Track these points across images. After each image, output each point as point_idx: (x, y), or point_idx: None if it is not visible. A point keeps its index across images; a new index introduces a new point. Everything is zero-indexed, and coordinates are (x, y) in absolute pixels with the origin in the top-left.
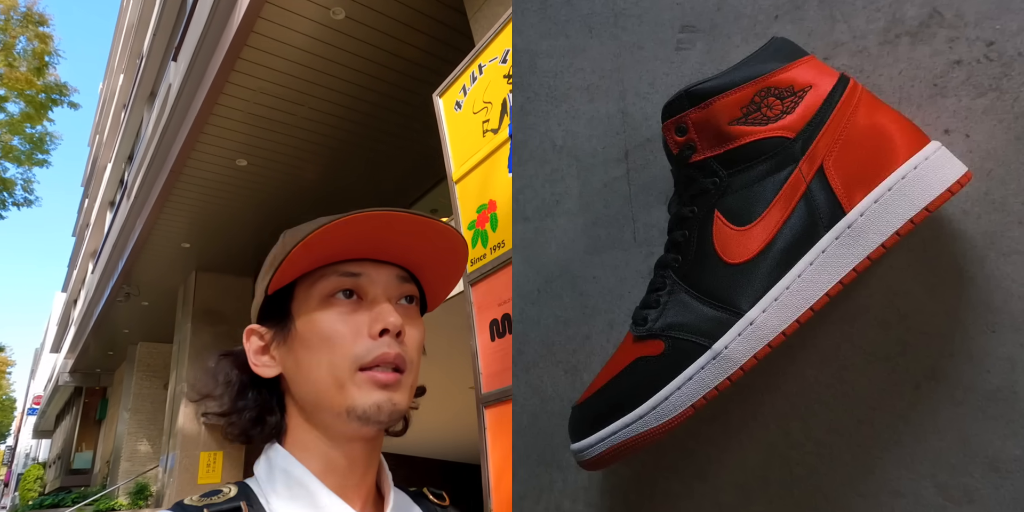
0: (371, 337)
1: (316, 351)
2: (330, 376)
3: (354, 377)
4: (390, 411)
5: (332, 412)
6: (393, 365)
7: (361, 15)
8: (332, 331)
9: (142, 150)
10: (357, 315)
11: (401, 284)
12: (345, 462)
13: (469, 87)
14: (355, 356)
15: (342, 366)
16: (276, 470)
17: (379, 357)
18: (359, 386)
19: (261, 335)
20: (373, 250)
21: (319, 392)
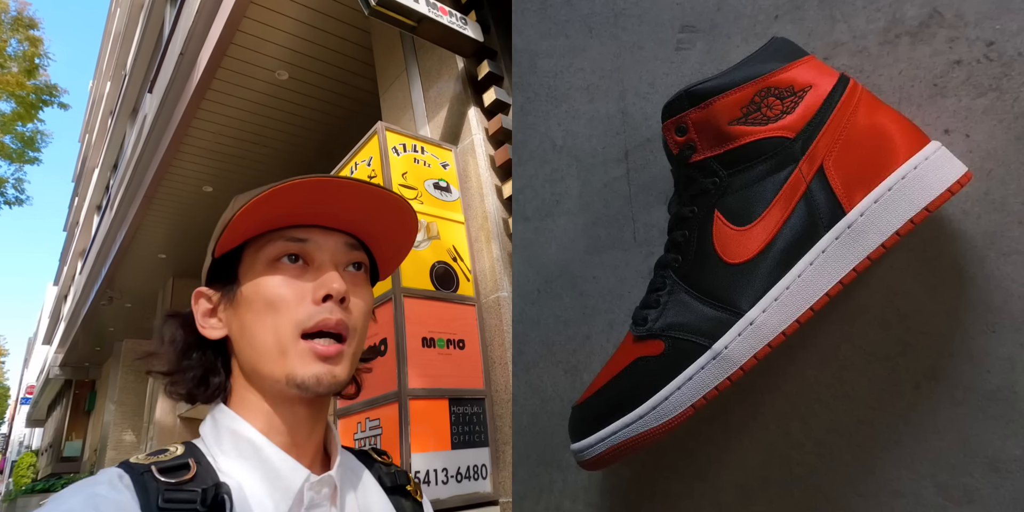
0: (314, 302)
1: (260, 315)
2: (273, 340)
3: (296, 344)
4: (329, 383)
5: (272, 377)
6: (336, 331)
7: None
8: (276, 295)
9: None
10: (302, 280)
11: (349, 251)
12: (289, 423)
13: None
14: (297, 321)
15: (285, 331)
16: (222, 429)
17: (321, 322)
18: (300, 355)
19: (209, 297)
20: (321, 216)
21: (261, 355)
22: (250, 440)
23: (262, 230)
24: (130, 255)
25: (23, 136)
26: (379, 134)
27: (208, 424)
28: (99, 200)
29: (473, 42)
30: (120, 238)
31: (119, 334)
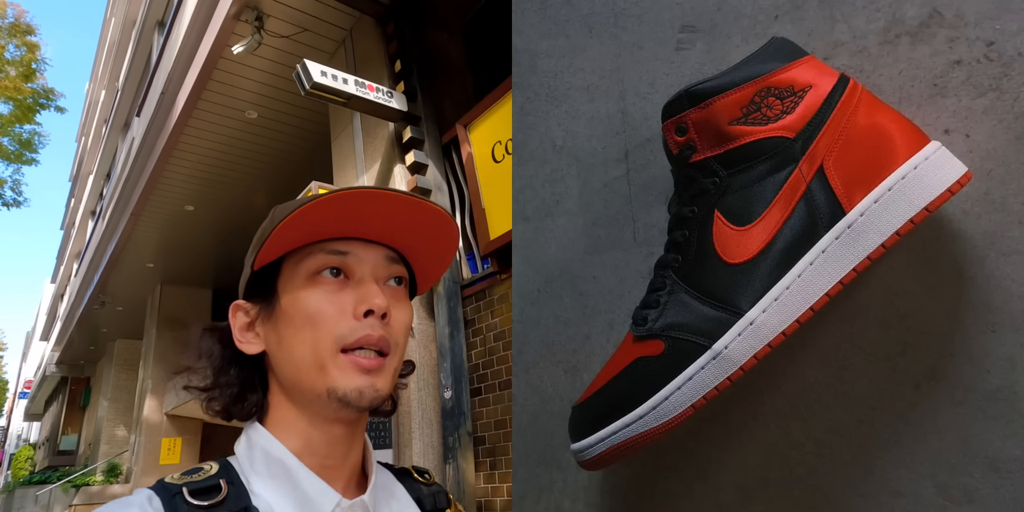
0: (356, 318)
1: (300, 329)
2: (312, 355)
3: (336, 359)
4: (372, 397)
5: (313, 392)
6: (377, 348)
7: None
8: (316, 310)
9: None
10: (343, 294)
11: (390, 265)
12: (326, 442)
13: None
14: (338, 336)
15: (325, 346)
16: (256, 449)
17: (362, 338)
18: (341, 369)
19: (247, 311)
20: (362, 229)
21: (301, 371)
22: (282, 461)
23: (301, 243)
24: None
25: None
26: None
27: (243, 443)
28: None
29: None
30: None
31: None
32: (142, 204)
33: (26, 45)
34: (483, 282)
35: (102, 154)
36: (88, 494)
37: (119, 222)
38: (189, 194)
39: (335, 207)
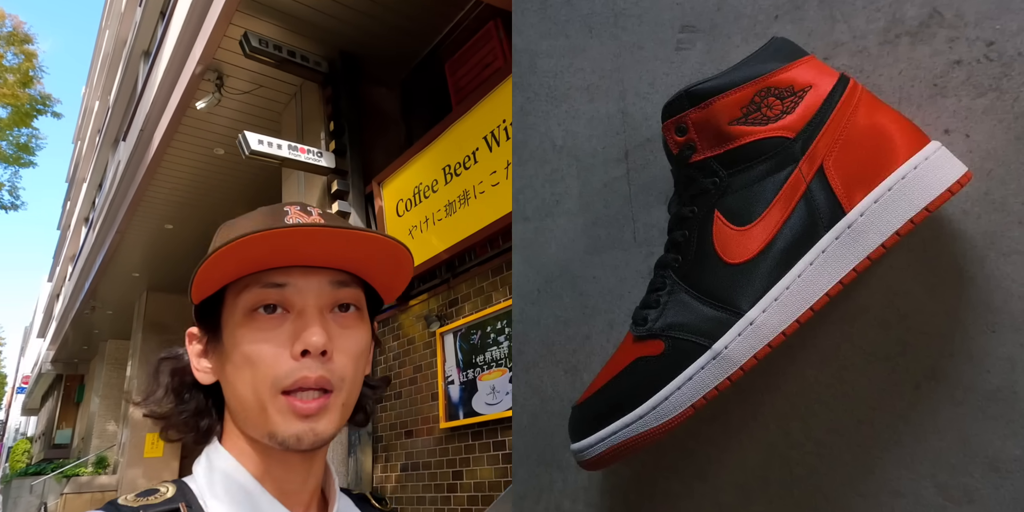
0: (293, 358)
1: (239, 369)
2: (252, 397)
3: (275, 401)
4: (311, 441)
5: (257, 432)
6: (318, 388)
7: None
8: (252, 351)
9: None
10: (281, 331)
11: (336, 290)
12: (281, 469)
13: None
14: (275, 378)
15: (263, 388)
16: (216, 472)
17: (299, 380)
18: (280, 413)
19: (199, 339)
20: (301, 258)
21: (245, 410)
22: (243, 486)
23: (236, 276)
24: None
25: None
26: None
27: (202, 464)
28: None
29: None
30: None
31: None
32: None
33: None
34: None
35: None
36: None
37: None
38: (168, 215)
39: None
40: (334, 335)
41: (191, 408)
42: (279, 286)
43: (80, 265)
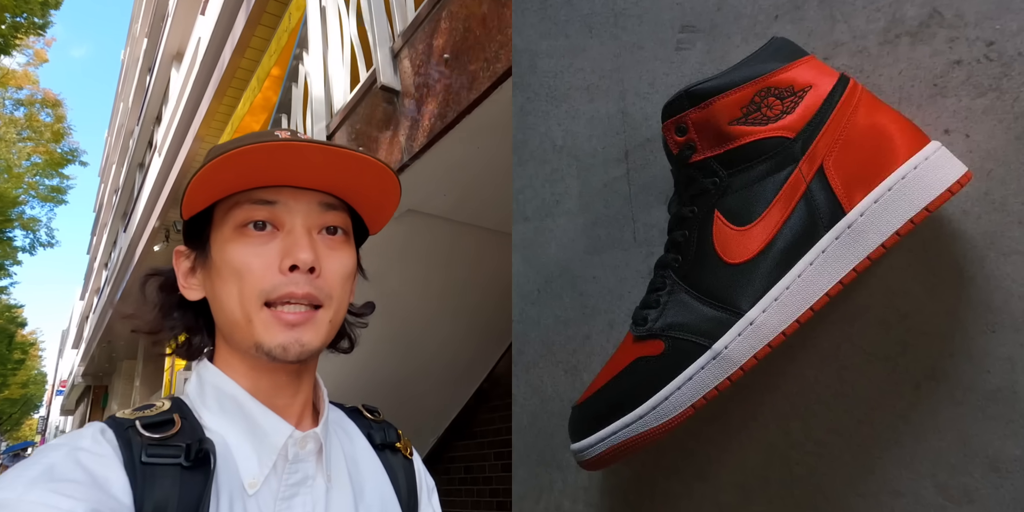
0: (281, 272)
1: (227, 282)
2: (239, 309)
3: (260, 313)
4: (298, 352)
5: (243, 345)
6: (305, 302)
7: None
8: (241, 264)
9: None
10: (269, 247)
11: (324, 212)
12: (271, 385)
13: None
14: (261, 291)
15: (249, 301)
16: (207, 386)
17: (286, 294)
18: (265, 323)
19: (187, 256)
20: (292, 177)
21: (231, 323)
22: (233, 397)
23: (227, 193)
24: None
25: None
26: None
27: (193, 381)
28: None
29: None
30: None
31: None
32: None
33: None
34: None
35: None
36: None
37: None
38: None
39: (257, 158)
40: (322, 255)
41: (181, 324)
42: (269, 203)
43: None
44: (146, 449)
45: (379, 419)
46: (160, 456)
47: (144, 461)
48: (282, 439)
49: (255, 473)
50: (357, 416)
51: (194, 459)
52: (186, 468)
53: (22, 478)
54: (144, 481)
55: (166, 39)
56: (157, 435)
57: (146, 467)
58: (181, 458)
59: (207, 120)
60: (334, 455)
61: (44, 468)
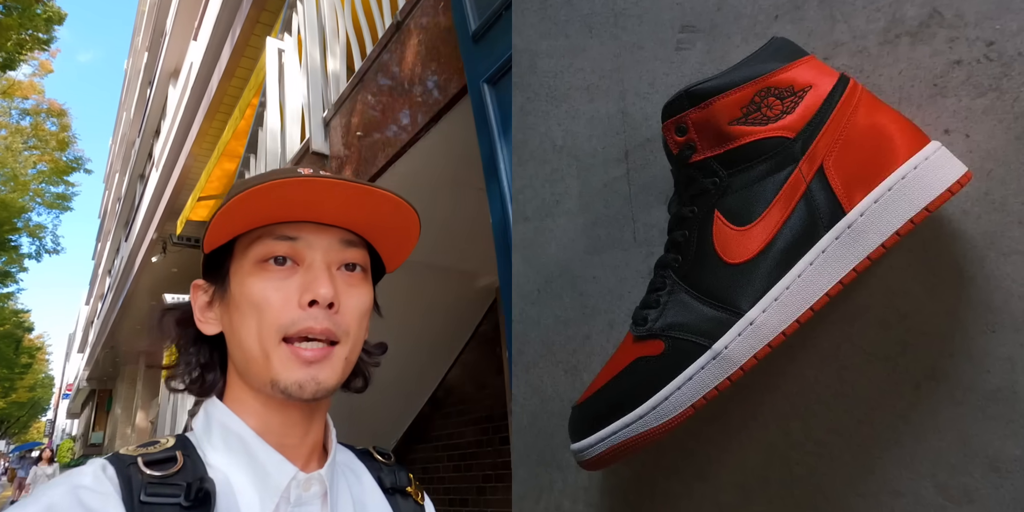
0: (300, 307)
1: (246, 316)
2: (257, 344)
3: (278, 349)
4: (314, 390)
5: (259, 380)
6: (323, 338)
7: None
8: (261, 298)
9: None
10: (290, 281)
11: (344, 249)
12: (281, 424)
13: None
14: (280, 326)
15: (267, 336)
16: (214, 423)
17: (304, 330)
18: (282, 360)
19: (205, 290)
20: (313, 214)
21: (248, 359)
22: (239, 435)
23: (249, 227)
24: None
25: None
26: None
27: (200, 418)
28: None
29: None
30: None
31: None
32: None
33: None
34: None
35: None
36: None
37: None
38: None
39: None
40: (341, 291)
41: (197, 360)
42: (291, 239)
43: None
44: (146, 488)
45: (390, 462)
46: (160, 495)
47: (143, 500)
48: (285, 480)
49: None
50: (367, 458)
51: (194, 499)
52: (185, 508)
53: None
54: None
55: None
56: (159, 473)
57: (145, 506)
58: (181, 498)
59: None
60: (341, 498)
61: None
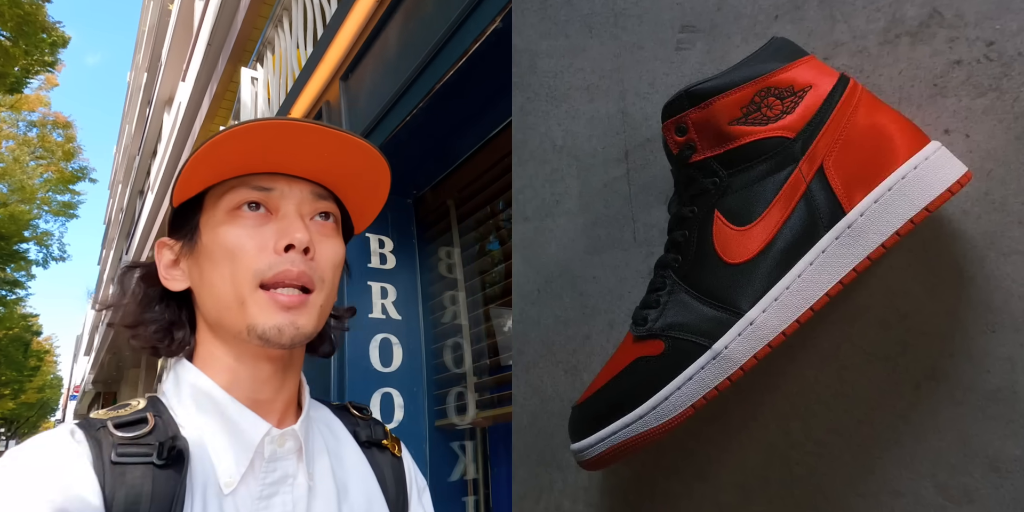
0: (276, 252)
1: (219, 264)
2: (232, 291)
3: (255, 294)
4: (292, 334)
5: (234, 329)
6: (298, 283)
7: None
8: (236, 244)
9: None
10: (264, 229)
11: (316, 200)
12: (253, 378)
13: None
14: (256, 270)
15: (243, 281)
16: (183, 384)
17: (281, 273)
18: (260, 305)
19: (171, 248)
20: (286, 164)
21: (221, 308)
22: (209, 394)
23: (222, 177)
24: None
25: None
26: None
27: (170, 379)
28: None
29: None
30: None
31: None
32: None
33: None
34: None
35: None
36: None
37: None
38: None
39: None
40: (315, 240)
41: (164, 318)
42: (266, 190)
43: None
44: (116, 448)
45: (367, 416)
46: (131, 455)
47: (114, 460)
48: (258, 436)
49: (231, 472)
50: (344, 413)
51: (167, 457)
52: (159, 466)
53: None
54: (114, 480)
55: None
56: (129, 434)
57: (116, 466)
58: (153, 456)
59: None
60: (317, 453)
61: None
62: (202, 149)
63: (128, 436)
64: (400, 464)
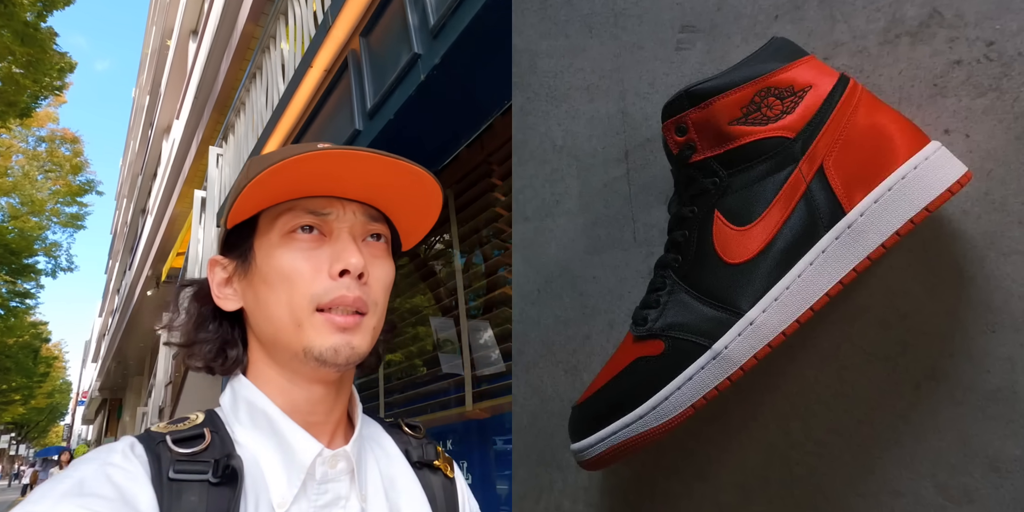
0: (331, 277)
1: (275, 288)
2: (288, 315)
3: (312, 318)
4: (347, 355)
5: (290, 351)
6: (352, 308)
7: None
8: (291, 269)
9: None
10: (319, 252)
11: (368, 222)
12: (307, 401)
13: None
14: (313, 295)
15: (300, 305)
16: (240, 400)
17: (337, 298)
18: (316, 328)
19: (224, 266)
20: (339, 188)
21: (277, 330)
22: (265, 412)
23: (277, 201)
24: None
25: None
26: None
27: (227, 394)
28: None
29: None
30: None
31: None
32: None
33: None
34: None
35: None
36: None
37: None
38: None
39: (310, 166)
40: (368, 262)
41: (217, 337)
42: (321, 214)
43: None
44: (174, 465)
45: (419, 435)
46: (188, 472)
47: (171, 477)
48: (310, 458)
49: (283, 493)
50: (395, 431)
51: (222, 475)
52: (214, 484)
53: (53, 492)
54: (171, 497)
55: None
56: (187, 450)
57: (173, 483)
58: (208, 474)
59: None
60: (369, 474)
61: (75, 483)
62: (260, 176)
63: (186, 452)
64: (452, 486)
